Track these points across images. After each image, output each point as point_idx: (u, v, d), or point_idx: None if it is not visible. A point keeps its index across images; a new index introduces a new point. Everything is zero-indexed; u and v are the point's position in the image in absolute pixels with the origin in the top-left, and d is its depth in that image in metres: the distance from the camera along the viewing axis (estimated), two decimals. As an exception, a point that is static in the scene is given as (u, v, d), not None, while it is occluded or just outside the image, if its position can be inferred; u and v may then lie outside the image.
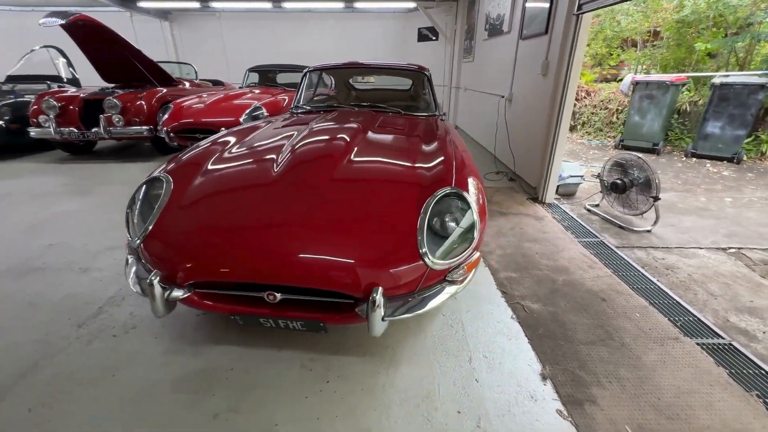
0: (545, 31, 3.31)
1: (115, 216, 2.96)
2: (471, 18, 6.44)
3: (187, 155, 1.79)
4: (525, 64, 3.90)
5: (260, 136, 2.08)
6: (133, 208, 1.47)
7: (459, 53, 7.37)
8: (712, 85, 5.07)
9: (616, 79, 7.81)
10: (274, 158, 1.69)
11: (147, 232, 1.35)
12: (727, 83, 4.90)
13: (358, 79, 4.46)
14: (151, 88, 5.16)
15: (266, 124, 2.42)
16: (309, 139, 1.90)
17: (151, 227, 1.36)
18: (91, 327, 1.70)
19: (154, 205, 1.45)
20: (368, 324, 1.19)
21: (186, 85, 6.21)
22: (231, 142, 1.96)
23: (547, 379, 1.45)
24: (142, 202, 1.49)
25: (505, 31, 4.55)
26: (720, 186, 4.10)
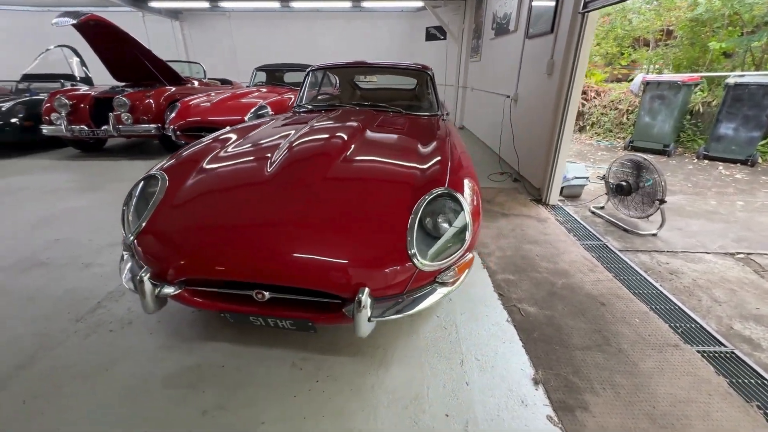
0: (551, 30, 3.26)
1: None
2: (479, 17, 6.39)
3: (183, 153, 1.81)
4: (531, 63, 3.85)
5: (258, 135, 2.09)
6: (129, 205, 1.49)
7: (466, 53, 7.32)
8: (725, 86, 4.94)
9: (627, 79, 7.66)
10: (269, 157, 1.69)
11: (140, 228, 1.37)
12: (742, 83, 4.76)
13: (361, 79, 4.45)
14: (159, 87, 5.24)
15: (266, 123, 2.43)
16: (305, 138, 1.90)
17: (144, 224, 1.37)
18: (89, 321, 1.73)
19: (149, 202, 1.47)
20: (354, 324, 1.18)
21: (195, 84, 6.30)
22: (229, 141, 1.98)
23: (539, 384, 1.43)
24: (138, 199, 1.51)
25: (511, 30, 4.50)
26: (732, 189, 3.99)
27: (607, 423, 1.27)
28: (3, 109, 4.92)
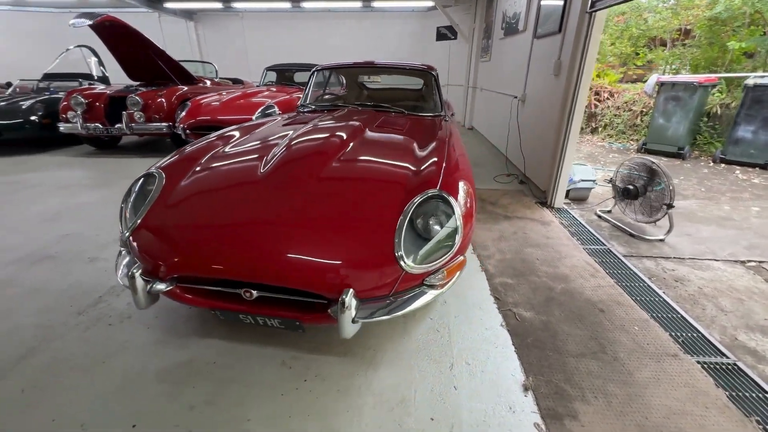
0: (559, 30, 3.21)
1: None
2: (489, 16, 6.32)
3: (182, 152, 1.85)
4: (539, 63, 3.79)
5: (259, 135, 2.12)
6: (128, 202, 1.53)
7: (476, 53, 7.25)
8: (744, 87, 4.77)
9: (642, 80, 7.46)
10: (265, 157, 1.71)
11: (135, 225, 1.40)
12: (762, 84, 4.59)
13: (365, 79, 4.46)
14: (172, 86, 5.35)
15: (269, 123, 2.46)
16: (303, 138, 1.91)
17: (138, 221, 1.41)
18: (90, 315, 1.78)
19: (147, 200, 1.50)
20: (338, 325, 1.19)
21: (207, 83, 6.41)
22: (229, 140, 2.01)
23: (529, 391, 1.40)
24: (136, 197, 1.54)
25: (520, 30, 4.44)
26: (748, 194, 3.85)
27: (596, 433, 1.24)
28: (23, 107, 5.11)
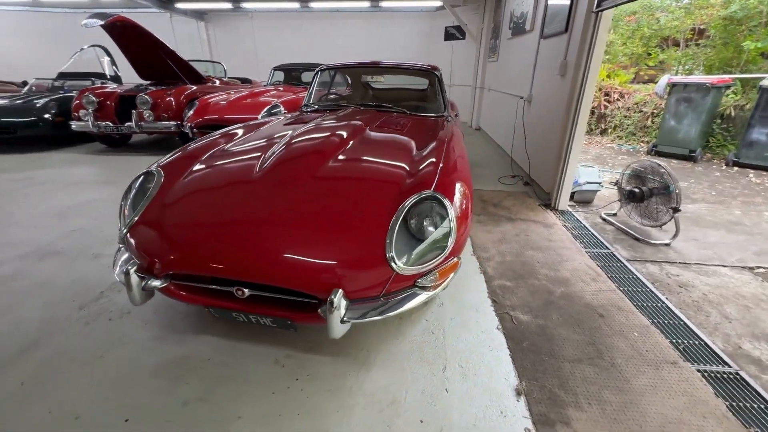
0: (565, 30, 3.16)
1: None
2: (497, 16, 6.27)
3: (183, 150, 1.87)
4: (545, 64, 3.74)
5: (259, 134, 2.14)
6: (127, 199, 1.56)
7: (484, 53, 7.19)
8: (760, 88, 4.64)
9: (654, 81, 7.32)
10: (263, 156, 1.72)
11: (132, 222, 1.42)
12: (778, 86, 4.46)
13: (369, 79, 4.46)
14: (180, 86, 5.43)
15: (271, 122, 2.48)
16: (301, 137, 1.92)
17: (136, 218, 1.43)
18: (92, 310, 1.82)
19: (145, 197, 1.53)
20: (327, 325, 1.19)
21: (216, 82, 6.49)
22: (230, 139, 2.03)
23: (522, 395, 1.39)
24: (136, 194, 1.57)
25: (527, 30, 4.39)
26: (761, 199, 3.75)
27: (588, 440, 1.22)
28: (37, 106, 5.24)
